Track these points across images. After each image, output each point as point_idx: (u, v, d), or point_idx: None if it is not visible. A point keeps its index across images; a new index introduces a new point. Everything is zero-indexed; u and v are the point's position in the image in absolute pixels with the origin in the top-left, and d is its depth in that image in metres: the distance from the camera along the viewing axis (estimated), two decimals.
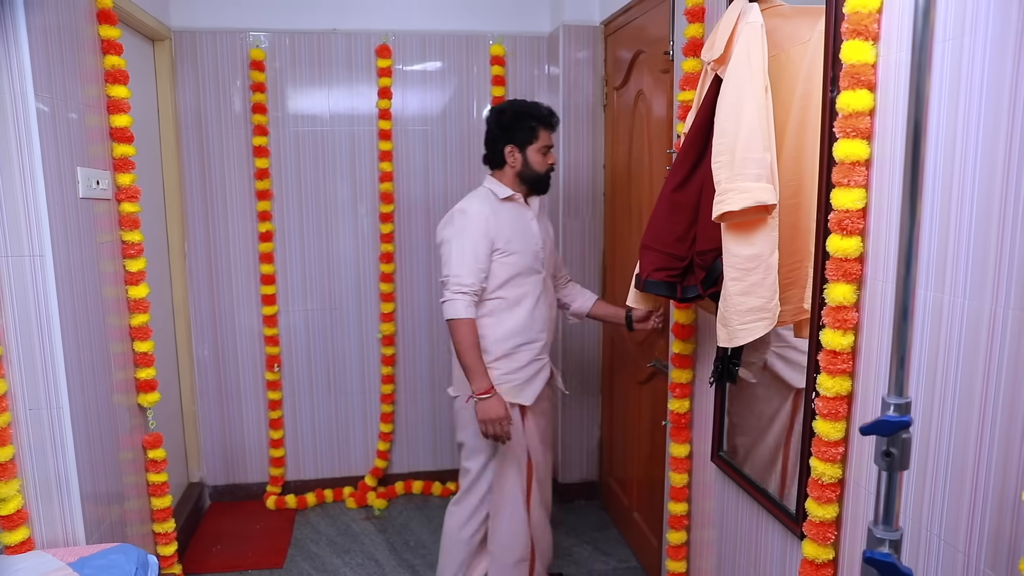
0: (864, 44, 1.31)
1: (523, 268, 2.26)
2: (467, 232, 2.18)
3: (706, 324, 2.12)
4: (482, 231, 2.18)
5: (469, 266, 2.16)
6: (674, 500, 2.32)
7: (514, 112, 2.28)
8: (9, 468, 1.85)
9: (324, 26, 3.23)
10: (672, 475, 2.31)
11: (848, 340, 1.40)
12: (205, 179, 3.26)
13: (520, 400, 2.29)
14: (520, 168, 2.28)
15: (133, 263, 2.33)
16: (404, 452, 3.61)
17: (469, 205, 2.23)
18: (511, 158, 2.28)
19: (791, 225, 1.60)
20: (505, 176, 2.31)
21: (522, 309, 2.26)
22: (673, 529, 2.34)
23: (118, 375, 2.27)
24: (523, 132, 2.25)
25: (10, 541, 1.88)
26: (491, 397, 2.16)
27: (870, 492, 1.40)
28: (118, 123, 2.26)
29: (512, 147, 2.27)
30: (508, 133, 2.27)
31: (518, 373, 2.28)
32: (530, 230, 2.31)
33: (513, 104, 2.33)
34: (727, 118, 1.53)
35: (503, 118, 2.28)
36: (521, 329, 2.26)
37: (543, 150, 2.29)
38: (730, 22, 1.59)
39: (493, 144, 2.30)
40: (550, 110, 2.31)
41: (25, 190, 1.83)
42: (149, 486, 2.46)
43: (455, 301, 2.15)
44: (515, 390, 2.28)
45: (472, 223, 2.18)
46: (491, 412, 2.15)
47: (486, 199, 2.26)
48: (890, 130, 1.31)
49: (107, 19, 2.23)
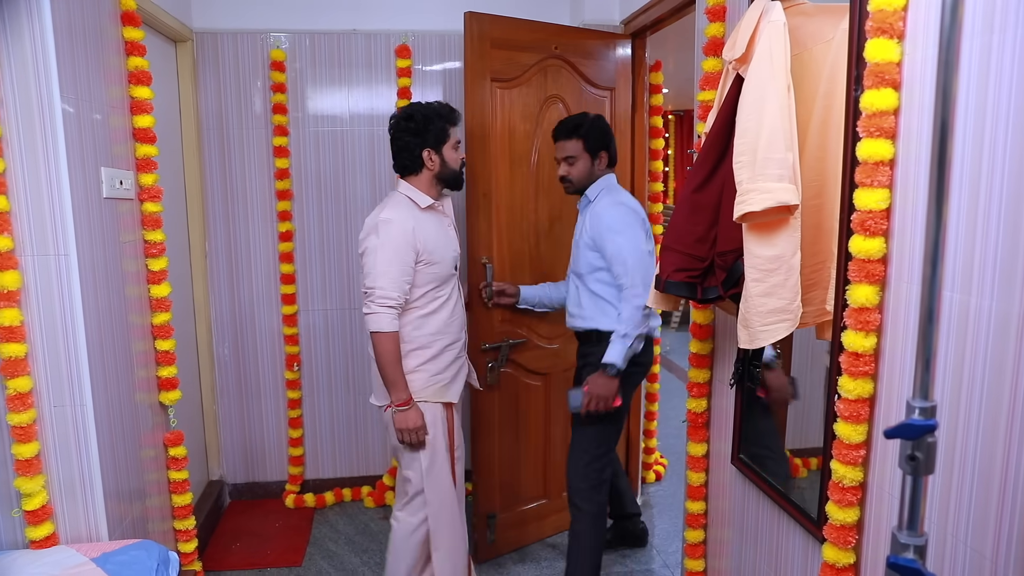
0: (889, 42, 1.29)
1: (444, 275, 2.28)
2: (392, 244, 2.15)
3: (723, 324, 2.10)
4: (407, 243, 2.16)
5: (394, 279, 2.15)
6: (691, 499, 2.31)
7: (423, 116, 2.24)
8: (34, 464, 1.88)
9: (344, 26, 3.25)
10: (690, 474, 2.30)
11: (871, 342, 1.39)
12: (226, 179, 3.28)
13: (447, 398, 2.32)
14: (439, 169, 2.27)
15: (155, 262, 2.35)
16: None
17: (394, 214, 2.19)
18: (430, 161, 2.25)
19: (813, 226, 1.58)
20: (421, 181, 2.28)
21: (444, 312, 2.29)
22: (691, 528, 2.33)
23: (140, 373, 2.30)
24: (436, 133, 2.24)
25: (35, 536, 1.91)
26: (410, 408, 2.19)
27: (893, 496, 1.38)
28: (141, 124, 2.29)
29: (429, 150, 2.25)
30: (422, 137, 2.24)
31: (444, 373, 2.31)
32: (448, 236, 2.33)
33: (417, 108, 2.28)
34: (749, 118, 1.52)
35: (413, 124, 2.24)
36: (444, 331, 2.29)
37: (455, 146, 2.30)
38: (752, 21, 1.57)
39: (408, 151, 2.26)
40: (450, 107, 2.31)
41: (50, 190, 1.85)
42: (170, 483, 2.49)
43: (380, 315, 2.15)
44: (443, 389, 2.31)
45: (397, 235, 2.15)
46: (410, 422, 2.19)
47: (408, 209, 2.23)
48: (915, 129, 1.29)
49: (131, 21, 2.26)
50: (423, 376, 2.27)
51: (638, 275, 2.26)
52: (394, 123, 2.29)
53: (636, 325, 2.27)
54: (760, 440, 1.99)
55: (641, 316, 2.27)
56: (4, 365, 1.82)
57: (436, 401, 2.30)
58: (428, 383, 2.28)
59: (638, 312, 2.25)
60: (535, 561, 2.97)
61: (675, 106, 8.26)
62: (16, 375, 1.83)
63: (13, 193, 1.82)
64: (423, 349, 2.27)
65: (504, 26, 2.72)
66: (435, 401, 2.29)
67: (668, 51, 4.16)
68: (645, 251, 2.32)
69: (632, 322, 2.26)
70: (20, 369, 1.84)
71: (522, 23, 2.77)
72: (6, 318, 1.80)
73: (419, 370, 2.26)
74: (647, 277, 2.23)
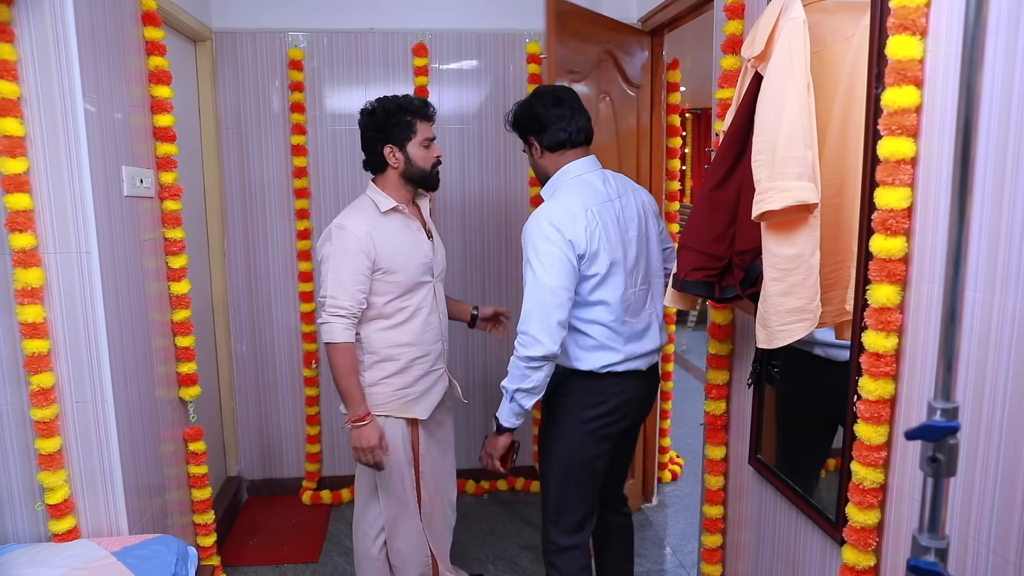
0: (911, 39, 1.28)
1: (409, 284, 2.13)
2: (344, 252, 2.04)
3: (741, 324, 2.09)
4: (360, 250, 2.04)
5: (346, 288, 2.03)
6: (709, 503, 2.28)
7: (385, 109, 2.11)
8: (57, 459, 1.91)
9: (361, 26, 3.26)
10: (708, 478, 2.27)
11: (892, 342, 1.37)
12: (244, 177, 3.31)
13: (414, 414, 2.19)
14: (403, 167, 2.13)
15: (175, 260, 2.38)
16: None
17: (347, 220, 2.07)
18: (392, 159, 2.12)
19: (833, 224, 1.57)
20: (388, 181, 2.16)
21: (412, 323, 2.16)
22: (708, 532, 2.30)
23: (160, 369, 2.32)
24: (399, 129, 2.10)
25: (57, 530, 1.93)
26: (366, 425, 2.07)
27: (914, 498, 1.36)
28: (161, 123, 2.31)
29: (391, 147, 2.11)
30: (384, 132, 2.10)
31: (412, 387, 2.18)
32: (416, 242, 2.17)
33: (383, 102, 2.13)
34: (767, 116, 1.51)
35: (375, 118, 2.11)
36: (414, 343, 2.16)
37: (424, 143, 2.14)
38: (771, 18, 1.56)
39: (371, 147, 2.13)
40: (424, 101, 2.16)
41: (73, 188, 1.88)
42: (189, 478, 2.51)
43: (332, 325, 2.04)
44: (408, 405, 2.18)
45: (349, 242, 2.04)
46: (364, 441, 2.07)
47: (367, 212, 2.11)
48: (937, 127, 1.27)
49: (151, 21, 2.28)
50: (386, 390, 2.15)
51: (531, 315, 1.81)
52: (359, 118, 2.17)
53: (517, 379, 1.83)
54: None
55: (524, 369, 1.81)
56: (28, 361, 1.85)
57: (399, 416, 2.18)
58: (392, 397, 2.16)
59: (519, 362, 1.82)
60: None
61: (692, 104, 8.23)
62: (39, 371, 1.86)
63: (36, 192, 1.85)
64: (388, 361, 2.14)
65: (577, 17, 2.62)
66: (398, 416, 2.18)
67: (685, 49, 4.14)
68: (550, 285, 1.80)
69: (513, 374, 1.85)
70: (43, 365, 1.87)
71: (589, 14, 2.69)
72: (30, 315, 1.83)
73: (382, 383, 2.15)
74: (544, 319, 1.79)
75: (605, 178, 1.98)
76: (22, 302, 1.83)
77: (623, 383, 1.96)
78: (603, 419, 1.96)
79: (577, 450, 1.97)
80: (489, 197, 3.44)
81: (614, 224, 1.90)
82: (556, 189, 1.95)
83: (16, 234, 1.80)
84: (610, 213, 1.90)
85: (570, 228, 1.82)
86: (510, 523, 3.27)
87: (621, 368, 1.93)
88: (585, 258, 1.84)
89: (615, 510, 2.25)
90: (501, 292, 3.52)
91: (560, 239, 1.81)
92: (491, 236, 3.48)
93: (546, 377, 1.86)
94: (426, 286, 2.20)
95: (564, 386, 1.97)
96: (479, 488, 3.55)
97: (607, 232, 1.87)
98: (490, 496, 3.55)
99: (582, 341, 1.91)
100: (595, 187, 1.93)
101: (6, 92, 1.75)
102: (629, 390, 1.98)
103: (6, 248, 1.84)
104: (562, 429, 1.99)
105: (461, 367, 3.54)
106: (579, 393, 1.96)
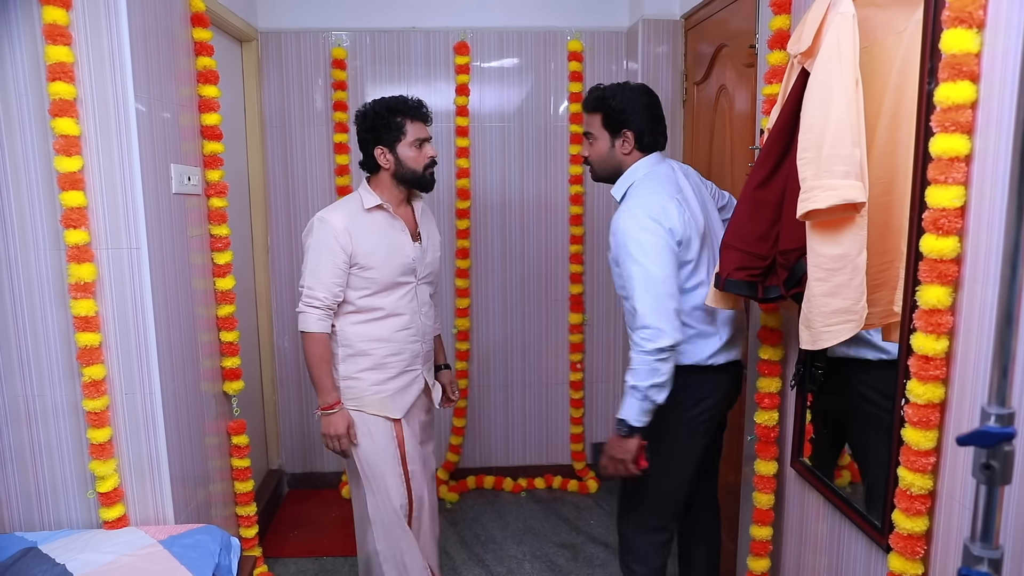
0: (967, 32, 1.24)
1: (386, 282, 2.14)
2: (322, 244, 2.08)
3: (793, 328, 2.05)
4: (336, 243, 2.07)
5: (323, 280, 2.07)
6: (758, 523, 2.10)
7: (375, 111, 2.12)
8: (107, 448, 1.97)
9: (403, 24, 3.28)
10: (757, 495, 2.09)
11: (942, 345, 1.33)
12: (288, 175, 3.36)
13: (389, 413, 2.19)
14: (394, 168, 2.14)
15: (221, 256, 2.43)
16: (476, 447, 3.64)
17: (329, 214, 2.11)
18: (383, 160, 2.13)
19: (881, 224, 1.53)
20: (381, 181, 2.17)
21: (387, 321, 2.17)
22: (755, 555, 2.13)
23: (205, 363, 2.37)
24: (389, 130, 2.10)
25: (108, 517, 1.99)
26: (335, 413, 2.13)
27: (965, 506, 1.32)
28: (208, 121, 2.36)
29: (382, 148, 2.12)
30: (374, 134, 2.11)
31: (387, 384, 2.19)
32: (397, 242, 2.16)
33: (375, 103, 2.14)
34: (814, 113, 1.48)
35: (367, 120, 2.13)
36: (389, 339, 2.17)
37: (416, 144, 2.13)
38: (819, 13, 1.52)
39: (364, 148, 2.15)
40: (419, 101, 2.15)
41: (124, 186, 1.93)
42: (233, 470, 2.57)
43: (307, 314, 2.09)
44: (385, 401, 2.19)
45: (327, 235, 2.08)
46: (331, 428, 2.13)
47: (350, 208, 2.14)
48: (994, 123, 1.23)
49: (200, 22, 2.33)
50: (363, 384, 2.17)
51: (648, 308, 1.80)
52: (354, 119, 2.20)
53: (647, 374, 1.81)
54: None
55: (652, 363, 1.80)
56: (80, 353, 1.91)
57: (379, 415, 2.18)
58: (368, 392, 2.17)
59: (647, 357, 1.80)
60: None
61: None
62: (91, 363, 1.92)
63: (90, 189, 1.90)
64: (362, 356, 2.16)
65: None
66: (378, 415, 2.18)
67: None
68: (661, 276, 1.81)
69: (640, 371, 1.82)
70: (95, 357, 1.92)
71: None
72: (82, 308, 1.89)
73: (358, 377, 2.17)
74: (662, 310, 1.80)
75: (672, 168, 2.02)
76: (75, 296, 1.89)
77: (721, 376, 2.00)
78: (706, 414, 2.00)
79: (680, 447, 2.00)
80: (529, 195, 3.45)
81: (697, 209, 1.95)
82: (633, 184, 1.97)
83: (71, 230, 1.86)
84: (691, 199, 1.96)
85: (667, 217, 1.85)
86: (547, 521, 3.27)
87: (723, 359, 1.98)
88: (682, 245, 1.88)
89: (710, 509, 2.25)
90: (540, 290, 3.52)
91: (660, 229, 1.84)
92: (531, 234, 3.48)
93: (672, 369, 1.84)
94: (406, 287, 2.19)
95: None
96: (516, 486, 3.55)
97: (694, 218, 1.93)
98: (527, 494, 3.55)
99: (684, 332, 1.88)
100: (670, 178, 1.97)
101: (63, 93, 1.81)
102: (724, 384, 2.02)
103: (61, 244, 1.90)
104: (666, 427, 1.93)
105: (500, 363, 3.55)
106: (683, 389, 1.91)
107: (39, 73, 1.86)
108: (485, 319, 3.54)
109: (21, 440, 2.01)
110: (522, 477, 3.59)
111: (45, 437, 2.01)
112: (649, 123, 1.98)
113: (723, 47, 2.66)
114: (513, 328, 3.54)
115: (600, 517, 3.30)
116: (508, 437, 3.63)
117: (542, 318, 3.54)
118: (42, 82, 1.85)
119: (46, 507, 2.05)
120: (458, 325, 3.46)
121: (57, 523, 2.05)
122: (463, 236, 3.39)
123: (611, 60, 3.36)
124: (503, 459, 3.65)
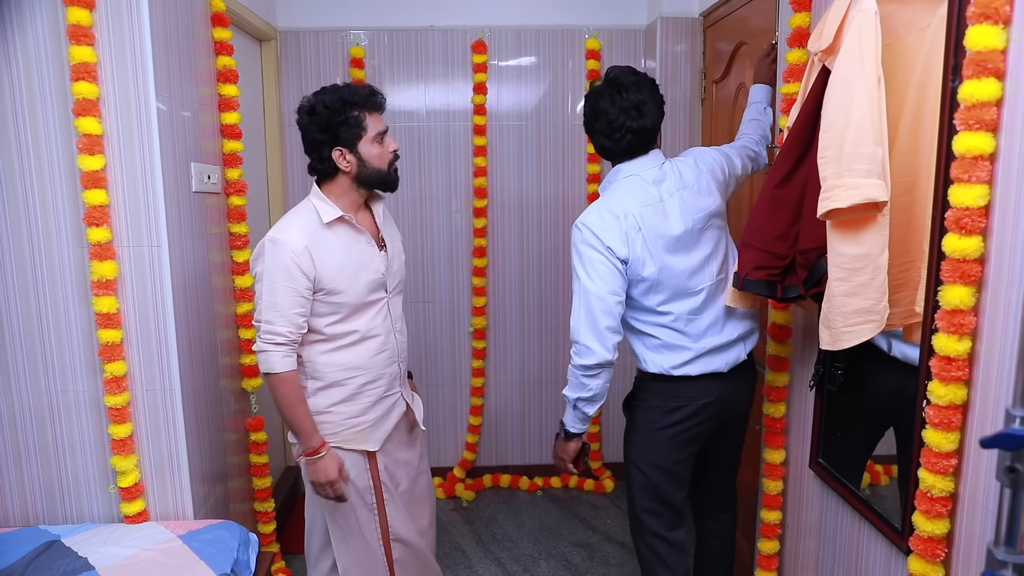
0: (993, 28, 1.22)
1: (356, 305, 1.88)
2: (278, 270, 1.77)
3: (801, 324, 2.03)
4: (296, 268, 1.77)
5: (283, 312, 1.78)
6: (767, 508, 2.22)
7: (327, 107, 1.81)
8: (128, 444, 1.99)
9: (422, 23, 3.29)
10: (766, 482, 2.21)
11: (964, 346, 1.32)
12: (306, 174, 3.35)
13: (367, 446, 1.94)
14: (356, 170, 1.86)
15: (240, 254, 2.45)
16: (492, 445, 3.64)
17: (282, 233, 1.80)
18: (343, 162, 1.84)
19: (903, 223, 1.51)
20: (338, 185, 1.88)
21: (361, 347, 1.91)
22: (766, 538, 2.24)
23: (224, 360, 2.40)
24: (347, 127, 1.82)
25: (128, 511, 2.02)
26: (322, 457, 1.84)
27: (988, 510, 1.31)
28: (228, 120, 2.38)
29: (340, 149, 1.83)
30: (330, 134, 1.82)
31: (365, 416, 1.93)
32: (364, 257, 1.90)
33: (324, 97, 1.83)
34: (835, 111, 1.46)
35: (317, 118, 1.82)
36: (364, 366, 1.92)
37: (378, 139, 1.86)
38: (840, 10, 1.51)
39: (317, 151, 1.85)
40: (371, 88, 1.87)
41: (145, 184, 1.95)
42: (251, 466, 2.59)
43: (269, 354, 1.79)
44: (364, 435, 1.94)
45: (283, 259, 1.77)
46: (322, 475, 1.84)
47: (306, 223, 1.84)
48: (1020, 121, 1.21)
49: (220, 22, 2.35)
50: (337, 418, 1.90)
51: (579, 323, 1.78)
52: (297, 118, 1.89)
53: (575, 387, 1.82)
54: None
55: (581, 377, 1.80)
56: (102, 349, 1.93)
57: (352, 449, 1.93)
58: (342, 426, 1.91)
59: (576, 371, 1.81)
60: None
61: None
62: (113, 359, 1.94)
63: (112, 188, 1.93)
64: (336, 387, 1.90)
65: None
66: (351, 448, 1.93)
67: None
68: (595, 291, 1.77)
69: (571, 383, 1.83)
70: (116, 354, 1.95)
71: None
72: (104, 305, 1.91)
73: (331, 411, 1.90)
74: (593, 326, 1.77)
75: (662, 175, 1.88)
76: (97, 293, 1.91)
77: (701, 386, 1.91)
78: (682, 424, 1.93)
79: (654, 454, 1.96)
80: (547, 194, 3.44)
81: (664, 225, 1.84)
82: (605, 189, 1.95)
83: (93, 228, 1.88)
84: (659, 215, 1.84)
85: (606, 235, 1.80)
86: (563, 520, 3.26)
87: (696, 371, 1.89)
88: (629, 263, 1.81)
89: (712, 516, 2.21)
90: (558, 290, 3.51)
91: (600, 245, 1.80)
92: (548, 233, 3.47)
93: (605, 383, 1.85)
94: (377, 304, 1.94)
95: (642, 389, 1.98)
96: (533, 485, 3.55)
97: (653, 236, 1.82)
98: (544, 493, 3.55)
99: (647, 341, 1.90)
100: (644, 188, 1.86)
101: (87, 93, 1.83)
102: (709, 393, 1.92)
103: (84, 241, 1.92)
104: (638, 432, 1.98)
105: (516, 361, 3.55)
106: (655, 396, 1.93)
107: (63, 73, 1.88)
108: (502, 317, 3.54)
109: (45, 436, 2.04)
110: (538, 476, 3.59)
111: (68, 433, 2.04)
112: (607, 132, 1.87)
113: (742, 45, 2.64)
114: (530, 327, 3.54)
115: (616, 516, 3.29)
116: (524, 435, 3.63)
117: (559, 317, 3.54)
118: (66, 82, 1.88)
119: (69, 501, 2.08)
120: (475, 323, 3.47)
121: (79, 517, 2.08)
122: (480, 235, 3.40)
123: (629, 58, 3.34)
124: (519, 457, 3.65)
